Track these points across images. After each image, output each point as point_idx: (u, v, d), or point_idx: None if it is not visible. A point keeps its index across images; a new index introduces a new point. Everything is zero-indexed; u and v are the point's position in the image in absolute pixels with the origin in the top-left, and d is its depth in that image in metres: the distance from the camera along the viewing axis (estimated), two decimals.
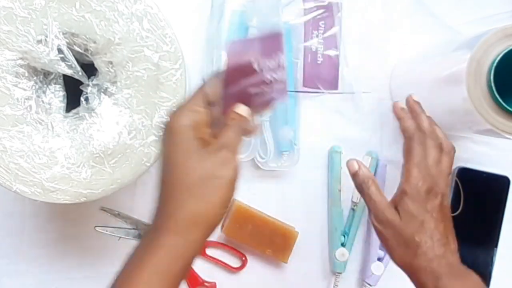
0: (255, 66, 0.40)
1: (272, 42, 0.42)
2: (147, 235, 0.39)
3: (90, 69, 0.50)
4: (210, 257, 0.62)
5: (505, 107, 0.44)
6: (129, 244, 0.52)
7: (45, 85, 0.50)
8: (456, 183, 0.62)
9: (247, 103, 0.41)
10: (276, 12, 0.58)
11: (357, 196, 0.61)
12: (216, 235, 0.62)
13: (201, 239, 0.38)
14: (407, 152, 0.49)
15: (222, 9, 0.57)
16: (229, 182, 0.38)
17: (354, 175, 0.50)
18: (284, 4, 0.60)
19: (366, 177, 0.49)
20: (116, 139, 0.49)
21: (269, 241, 0.61)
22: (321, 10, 0.60)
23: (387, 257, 0.62)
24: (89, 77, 0.50)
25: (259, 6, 0.57)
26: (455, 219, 0.61)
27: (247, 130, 0.41)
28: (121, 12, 0.46)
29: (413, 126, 0.49)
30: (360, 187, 0.49)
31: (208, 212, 0.38)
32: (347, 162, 0.50)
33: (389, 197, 0.65)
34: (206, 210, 0.38)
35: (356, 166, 0.50)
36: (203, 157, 0.38)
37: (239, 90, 0.41)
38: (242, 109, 0.41)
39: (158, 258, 0.37)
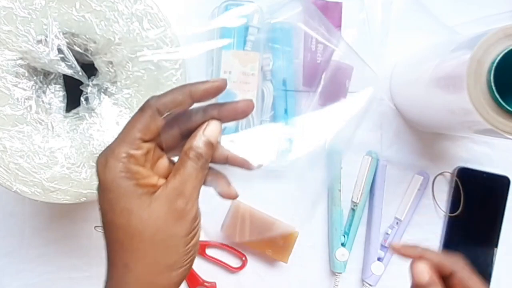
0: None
1: None
2: None
3: (90, 69, 0.50)
4: (210, 257, 0.62)
5: (505, 107, 0.44)
6: None
7: (45, 85, 0.50)
8: (456, 183, 0.62)
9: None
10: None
11: (357, 196, 0.61)
12: (216, 235, 0.62)
13: None
14: None
15: (222, 9, 0.57)
16: (184, 238, 0.32)
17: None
18: (284, 3, 0.60)
19: None
20: None
21: (269, 241, 0.61)
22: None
23: (387, 257, 0.62)
24: (89, 77, 0.50)
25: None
26: (455, 219, 0.62)
27: (213, 160, 0.34)
28: (121, 12, 0.47)
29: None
30: None
31: (160, 279, 0.32)
32: (412, 266, 0.36)
33: (390, 199, 0.64)
34: (158, 276, 0.32)
35: (426, 276, 0.34)
36: (151, 211, 0.31)
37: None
38: (212, 128, 0.33)
39: None
